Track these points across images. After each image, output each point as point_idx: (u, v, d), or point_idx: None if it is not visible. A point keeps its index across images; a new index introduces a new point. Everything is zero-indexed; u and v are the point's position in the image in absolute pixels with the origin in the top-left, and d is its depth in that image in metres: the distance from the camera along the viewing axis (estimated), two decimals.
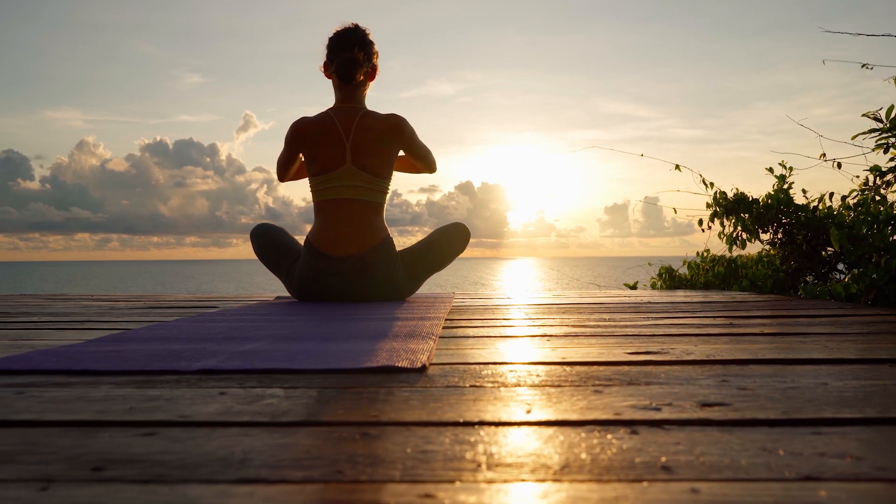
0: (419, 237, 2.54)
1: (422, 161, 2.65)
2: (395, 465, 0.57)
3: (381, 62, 2.61)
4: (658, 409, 0.76)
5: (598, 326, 1.61)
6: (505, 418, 0.73)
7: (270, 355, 1.13)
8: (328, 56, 2.53)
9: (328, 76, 2.58)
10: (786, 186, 3.02)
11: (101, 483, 0.53)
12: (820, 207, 2.94)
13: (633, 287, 3.79)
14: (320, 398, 0.83)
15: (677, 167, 3.24)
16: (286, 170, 2.68)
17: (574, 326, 1.61)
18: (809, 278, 3.01)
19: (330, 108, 2.54)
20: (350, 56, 2.46)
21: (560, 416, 0.73)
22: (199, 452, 0.61)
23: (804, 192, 3.02)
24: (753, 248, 3.29)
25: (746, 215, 3.06)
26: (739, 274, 3.47)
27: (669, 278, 3.71)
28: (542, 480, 0.53)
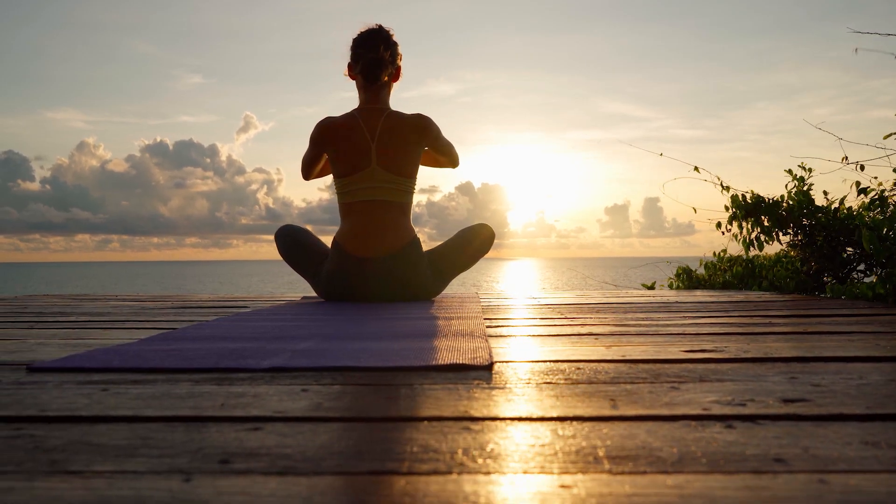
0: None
1: (446, 156, 2.69)
2: (513, 458, 0.58)
3: None
4: (743, 405, 0.77)
5: (640, 325, 1.62)
6: (595, 413, 0.74)
7: (333, 354, 1.15)
8: (353, 57, 2.54)
9: (352, 77, 2.59)
10: (805, 188, 3.03)
11: (240, 475, 0.54)
12: (840, 209, 2.96)
13: (651, 287, 3.80)
14: (402, 394, 0.85)
15: (696, 169, 3.25)
16: (311, 169, 2.70)
17: (616, 325, 1.62)
18: (828, 279, 3.02)
19: (355, 109, 2.56)
20: (375, 56, 2.48)
21: (649, 412, 0.75)
22: (314, 446, 0.62)
23: (825, 193, 3.03)
24: (770, 248, 3.30)
25: (765, 217, 3.07)
26: (757, 274, 3.49)
27: (687, 278, 3.72)
28: (665, 472, 0.54)
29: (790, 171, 3.07)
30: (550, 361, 1.09)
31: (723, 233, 3.18)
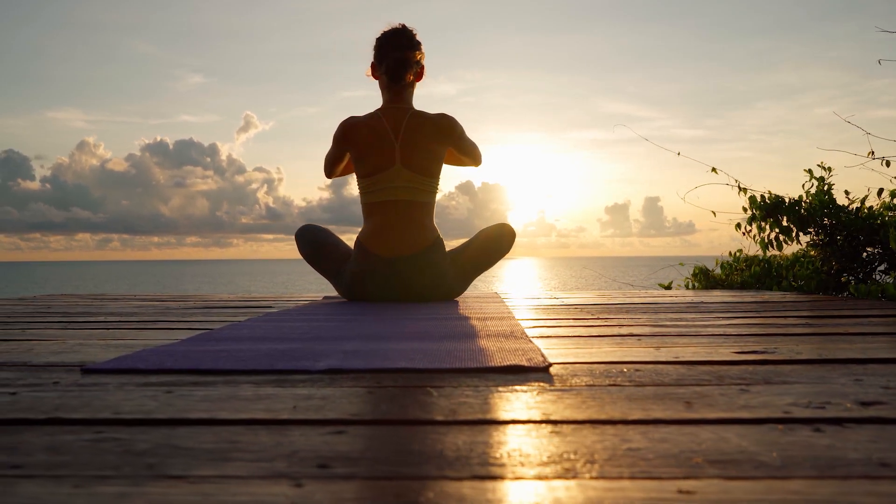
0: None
1: (469, 156, 2.67)
2: (617, 462, 0.58)
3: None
4: (822, 408, 0.76)
5: (677, 326, 1.62)
6: (675, 416, 0.74)
7: (385, 355, 1.14)
8: (377, 57, 2.53)
9: (376, 77, 2.58)
10: (825, 187, 3.02)
11: (348, 480, 0.53)
12: (862, 208, 2.95)
13: (668, 287, 3.80)
14: (470, 396, 0.84)
15: (714, 170, 3.25)
16: (333, 167, 2.69)
17: (653, 326, 1.62)
18: (846, 278, 3.01)
19: (378, 109, 2.55)
20: (400, 56, 2.47)
21: (729, 414, 0.74)
22: (406, 451, 0.62)
23: (847, 193, 3.03)
24: (786, 248, 3.30)
25: (784, 218, 3.06)
26: (775, 275, 3.49)
27: (704, 278, 3.72)
28: (777, 478, 0.54)
29: (810, 171, 3.07)
30: (605, 363, 1.08)
31: (743, 234, 3.17)
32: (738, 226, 3.21)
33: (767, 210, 3.06)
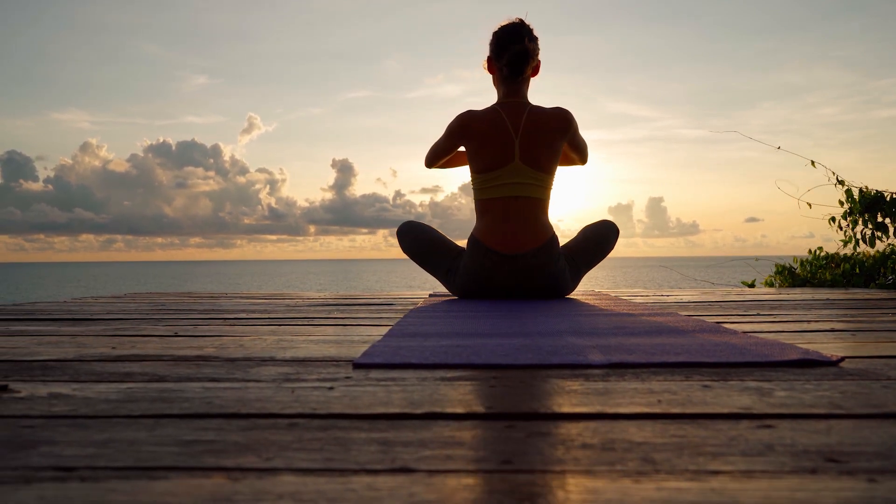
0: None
1: (580, 153, 2.64)
2: None
3: (383, 62, 2.60)
4: None
5: (862, 322, 1.58)
6: None
7: (647, 350, 1.11)
8: (495, 51, 2.49)
9: (491, 71, 2.55)
10: None
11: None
12: None
13: (752, 285, 3.77)
14: (813, 391, 0.81)
15: (812, 163, 3.22)
16: (439, 158, 2.65)
17: (835, 322, 1.59)
18: None
19: (496, 104, 2.52)
20: (522, 48, 2.43)
21: None
22: (806, 443, 0.59)
23: None
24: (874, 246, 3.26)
25: (880, 213, 3.03)
26: (857, 272, 3.46)
27: (790, 276, 3.69)
28: None
29: None
30: (883, 357, 1.05)
31: (839, 228, 3.15)
32: (833, 219, 3.18)
33: (866, 205, 3.03)
